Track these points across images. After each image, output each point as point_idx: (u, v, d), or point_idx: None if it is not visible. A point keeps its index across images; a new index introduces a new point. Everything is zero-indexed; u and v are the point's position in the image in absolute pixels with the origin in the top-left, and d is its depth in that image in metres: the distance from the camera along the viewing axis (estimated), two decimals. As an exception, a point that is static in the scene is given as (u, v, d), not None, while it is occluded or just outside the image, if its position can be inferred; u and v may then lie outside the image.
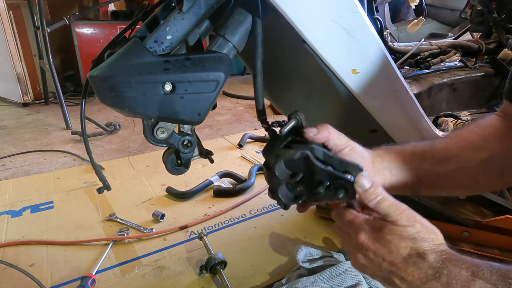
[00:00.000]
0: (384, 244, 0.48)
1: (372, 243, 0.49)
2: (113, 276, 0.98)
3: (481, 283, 0.41)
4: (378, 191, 0.50)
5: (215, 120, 2.53)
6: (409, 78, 1.06)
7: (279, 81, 0.94)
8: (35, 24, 2.57)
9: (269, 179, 0.58)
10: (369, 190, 0.50)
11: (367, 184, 0.50)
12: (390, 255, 0.47)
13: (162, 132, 0.59)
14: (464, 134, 0.65)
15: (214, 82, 0.54)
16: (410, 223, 0.48)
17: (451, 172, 0.62)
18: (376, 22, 0.95)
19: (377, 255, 0.48)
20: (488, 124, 0.65)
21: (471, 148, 0.63)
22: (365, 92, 0.75)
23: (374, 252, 0.48)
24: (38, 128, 2.36)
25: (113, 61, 0.52)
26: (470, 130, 0.65)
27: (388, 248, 0.47)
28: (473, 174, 0.63)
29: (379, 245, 0.48)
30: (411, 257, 0.46)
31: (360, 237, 0.50)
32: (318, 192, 0.53)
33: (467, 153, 0.62)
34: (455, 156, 0.62)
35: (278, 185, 0.57)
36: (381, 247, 0.48)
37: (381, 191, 0.50)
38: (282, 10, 0.58)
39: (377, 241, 0.48)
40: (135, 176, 1.60)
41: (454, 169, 0.62)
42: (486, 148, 0.61)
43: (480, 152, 0.62)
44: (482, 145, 0.62)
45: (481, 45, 1.25)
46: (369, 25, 0.66)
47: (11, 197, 1.42)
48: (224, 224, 1.23)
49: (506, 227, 1.01)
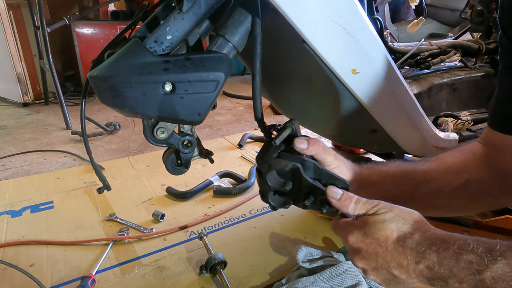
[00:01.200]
0: (372, 236, 0.49)
1: (362, 242, 0.50)
2: (113, 276, 0.98)
3: (468, 256, 0.42)
4: (350, 196, 0.53)
5: (215, 120, 2.53)
6: (409, 78, 1.06)
7: (279, 81, 0.94)
8: (35, 24, 2.57)
9: (261, 184, 0.61)
10: (342, 198, 0.53)
11: (339, 194, 0.54)
12: (380, 247, 0.48)
13: (162, 132, 0.59)
14: (446, 159, 0.67)
15: (214, 82, 0.54)
16: (388, 209, 0.50)
17: (427, 195, 0.65)
18: (376, 22, 0.95)
19: (370, 253, 0.49)
20: (469, 150, 0.67)
21: (450, 172, 0.65)
22: (365, 92, 0.75)
23: (367, 251, 0.49)
24: (38, 128, 2.36)
25: (113, 61, 0.52)
26: (451, 155, 0.67)
27: (377, 240, 0.49)
28: (448, 198, 0.65)
29: (368, 240, 0.49)
30: (399, 240, 0.47)
31: (350, 239, 0.51)
32: (304, 204, 0.56)
33: (446, 177, 0.64)
34: (433, 179, 0.64)
35: (269, 191, 0.59)
36: (371, 242, 0.49)
37: (352, 195, 0.53)
38: (282, 10, 0.57)
39: (365, 237, 0.50)
40: (135, 176, 1.60)
41: (431, 192, 0.64)
42: (463, 174, 0.64)
43: (457, 177, 0.64)
44: (460, 170, 0.64)
45: (481, 45, 1.25)
46: (369, 25, 0.66)
47: (11, 197, 1.42)
48: (224, 224, 1.23)
49: (506, 227, 1.00)
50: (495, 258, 0.40)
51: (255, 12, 0.58)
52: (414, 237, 0.47)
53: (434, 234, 0.46)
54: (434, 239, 0.45)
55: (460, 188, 0.63)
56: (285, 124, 0.60)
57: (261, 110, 0.62)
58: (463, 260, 0.42)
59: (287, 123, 0.60)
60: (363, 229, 0.50)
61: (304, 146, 0.58)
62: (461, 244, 0.43)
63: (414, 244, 0.46)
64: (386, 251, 0.48)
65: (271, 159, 0.58)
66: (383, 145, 1.05)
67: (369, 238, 0.49)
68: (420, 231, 0.47)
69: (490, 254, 0.41)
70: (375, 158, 1.28)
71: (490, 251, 0.41)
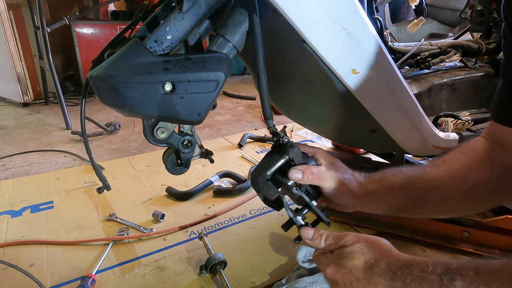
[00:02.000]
0: (344, 267, 0.52)
1: (337, 273, 0.53)
2: (113, 276, 0.98)
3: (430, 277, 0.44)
4: (321, 233, 0.59)
5: (215, 120, 2.53)
6: (409, 78, 1.06)
7: (279, 81, 0.94)
8: (35, 24, 2.57)
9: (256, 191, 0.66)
10: (313, 237, 0.59)
11: (310, 234, 0.59)
12: (353, 276, 0.51)
13: (162, 132, 0.59)
14: (452, 162, 0.67)
15: (214, 82, 0.54)
16: (355, 241, 0.54)
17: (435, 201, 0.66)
18: (376, 22, 0.95)
19: (345, 283, 0.52)
20: (472, 149, 0.67)
21: (457, 177, 0.65)
22: (365, 92, 0.75)
23: (342, 282, 0.53)
24: (38, 128, 2.36)
25: (113, 61, 0.52)
26: (456, 158, 0.68)
27: (349, 270, 0.52)
28: (456, 202, 0.66)
29: (341, 271, 0.53)
30: (367, 269, 0.50)
31: (327, 272, 0.54)
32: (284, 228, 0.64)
33: (453, 182, 0.65)
34: (441, 186, 0.65)
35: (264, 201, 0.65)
36: (344, 273, 0.52)
37: (323, 232, 0.59)
38: (282, 10, 0.58)
39: (339, 268, 0.53)
40: (135, 176, 1.60)
41: (439, 199, 0.65)
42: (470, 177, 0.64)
43: (464, 182, 0.64)
44: (466, 174, 0.65)
45: (481, 45, 1.25)
46: (369, 25, 0.66)
47: (11, 197, 1.42)
48: (224, 224, 1.23)
49: (506, 227, 1.00)
50: (453, 277, 0.42)
51: (254, 11, 0.58)
52: (380, 265, 0.49)
53: (398, 260, 0.49)
54: (399, 265, 0.48)
55: (468, 192, 0.64)
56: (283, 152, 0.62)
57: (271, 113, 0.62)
58: (426, 281, 0.44)
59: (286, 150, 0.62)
60: (335, 261, 0.54)
61: (299, 176, 0.61)
62: (423, 267, 0.46)
63: (381, 271, 0.49)
64: (358, 280, 0.51)
65: (262, 182, 0.62)
66: (383, 145, 1.05)
67: (341, 269, 0.52)
68: (385, 258, 0.50)
69: (448, 274, 0.43)
70: (375, 158, 1.28)
71: (447, 271, 0.43)
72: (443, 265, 0.44)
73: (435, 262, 0.45)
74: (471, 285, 0.41)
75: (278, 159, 0.62)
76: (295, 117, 1.15)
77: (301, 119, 1.15)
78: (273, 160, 0.62)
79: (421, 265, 0.46)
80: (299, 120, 1.17)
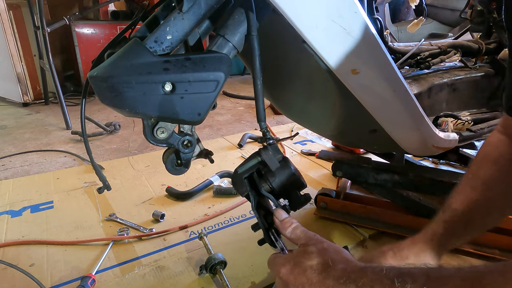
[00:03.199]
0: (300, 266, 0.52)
1: (291, 273, 0.52)
2: (113, 276, 0.98)
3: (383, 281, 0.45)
4: (293, 221, 0.59)
5: (215, 120, 2.53)
6: (409, 78, 1.06)
7: (279, 81, 0.94)
8: (35, 24, 2.57)
9: None
10: (284, 220, 0.59)
11: (283, 216, 0.60)
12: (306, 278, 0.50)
13: (162, 132, 0.59)
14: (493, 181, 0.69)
15: (214, 82, 0.55)
16: (318, 242, 0.54)
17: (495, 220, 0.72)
18: (376, 22, 0.94)
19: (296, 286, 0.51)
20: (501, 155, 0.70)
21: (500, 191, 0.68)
22: (365, 92, 0.75)
23: (294, 283, 0.51)
24: (38, 128, 2.36)
25: (113, 61, 0.52)
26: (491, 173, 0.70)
27: (304, 270, 0.51)
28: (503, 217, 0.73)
29: (296, 271, 0.52)
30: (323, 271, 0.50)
31: (281, 271, 0.53)
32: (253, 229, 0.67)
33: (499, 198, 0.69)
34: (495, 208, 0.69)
35: None
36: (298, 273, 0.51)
37: (295, 222, 0.59)
38: (282, 10, 0.58)
39: (295, 267, 0.52)
40: (135, 176, 1.60)
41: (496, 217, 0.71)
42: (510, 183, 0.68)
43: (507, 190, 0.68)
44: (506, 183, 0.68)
45: (481, 45, 1.25)
46: (369, 25, 0.66)
47: (11, 197, 1.42)
48: (224, 224, 1.23)
49: (506, 227, 1.01)
50: (404, 280, 0.43)
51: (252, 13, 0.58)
52: (336, 269, 0.49)
53: (354, 265, 0.50)
54: (355, 269, 0.48)
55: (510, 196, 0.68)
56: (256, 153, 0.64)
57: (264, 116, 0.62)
58: (378, 284, 0.44)
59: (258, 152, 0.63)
60: (293, 259, 0.53)
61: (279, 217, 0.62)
62: (377, 271, 0.46)
63: (336, 274, 0.48)
64: (311, 283, 0.50)
65: (237, 180, 0.64)
66: (383, 145, 1.05)
67: (297, 268, 0.52)
68: (342, 263, 0.50)
69: (400, 277, 0.43)
70: (375, 158, 1.28)
71: (400, 275, 0.44)
72: (397, 270, 0.45)
73: (390, 267, 0.46)
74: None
75: (251, 160, 0.64)
76: (295, 117, 1.15)
77: (301, 119, 1.15)
78: (247, 161, 0.64)
79: (375, 269, 0.46)
80: (299, 120, 1.17)
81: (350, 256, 0.53)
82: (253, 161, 0.63)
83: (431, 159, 1.69)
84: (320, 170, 1.64)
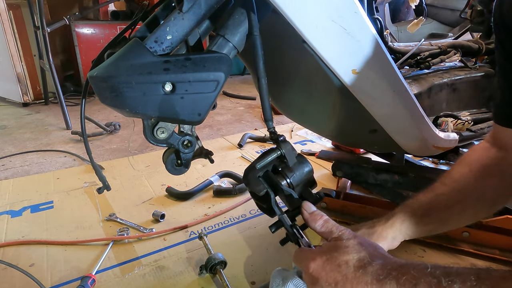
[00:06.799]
0: (334, 262, 0.48)
1: (322, 269, 0.49)
2: (113, 276, 0.98)
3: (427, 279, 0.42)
4: (322, 214, 0.56)
5: (215, 120, 2.53)
6: (409, 78, 1.06)
7: (279, 81, 0.94)
8: (35, 24, 2.57)
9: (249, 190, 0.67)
10: (314, 212, 0.57)
11: (312, 209, 0.58)
12: (340, 274, 0.47)
13: (162, 132, 0.59)
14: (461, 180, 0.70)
15: (214, 82, 0.54)
16: (352, 237, 0.51)
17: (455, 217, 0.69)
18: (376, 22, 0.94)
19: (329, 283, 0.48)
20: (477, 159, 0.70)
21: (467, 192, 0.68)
22: (365, 92, 0.75)
23: (326, 280, 0.48)
24: (38, 128, 2.36)
25: (113, 61, 0.52)
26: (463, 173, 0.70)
27: (338, 266, 0.48)
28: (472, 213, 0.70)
29: (329, 267, 0.48)
30: (360, 267, 0.47)
31: (311, 267, 0.50)
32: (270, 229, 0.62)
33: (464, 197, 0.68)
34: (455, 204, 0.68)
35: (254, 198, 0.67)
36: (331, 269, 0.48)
37: (324, 215, 0.57)
38: (282, 10, 0.57)
39: (327, 263, 0.49)
40: (135, 176, 1.60)
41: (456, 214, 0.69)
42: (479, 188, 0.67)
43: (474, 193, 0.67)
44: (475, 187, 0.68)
45: (481, 45, 1.25)
46: (369, 25, 0.66)
47: (11, 197, 1.42)
48: (224, 224, 1.23)
49: (506, 227, 1.00)
50: (452, 280, 0.40)
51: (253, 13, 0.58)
52: (375, 265, 0.46)
53: (394, 261, 0.47)
54: (395, 266, 0.45)
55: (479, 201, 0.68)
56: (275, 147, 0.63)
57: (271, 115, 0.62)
58: (422, 283, 0.42)
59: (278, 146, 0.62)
60: (325, 254, 0.50)
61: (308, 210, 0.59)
62: (420, 269, 0.43)
63: (375, 271, 0.45)
64: (346, 279, 0.46)
65: (252, 177, 0.62)
66: (383, 145, 1.05)
67: (330, 264, 0.48)
68: (381, 259, 0.47)
69: (448, 277, 0.41)
70: (375, 158, 1.28)
71: (447, 274, 0.41)
72: (442, 268, 0.43)
73: (434, 265, 0.43)
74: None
75: (270, 154, 0.62)
76: (295, 117, 1.15)
77: (301, 119, 1.15)
78: (265, 156, 0.62)
79: (418, 266, 0.44)
80: (299, 120, 1.17)
81: (385, 251, 0.50)
82: (272, 155, 0.61)
83: (431, 159, 1.69)
84: (320, 170, 1.64)
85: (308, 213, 0.57)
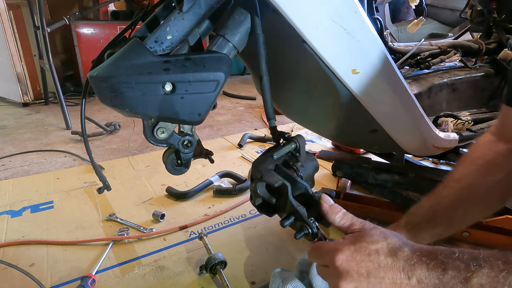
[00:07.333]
0: (364, 252, 0.48)
1: (352, 260, 0.48)
2: (113, 276, 0.98)
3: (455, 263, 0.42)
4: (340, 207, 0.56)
5: (215, 120, 2.53)
6: (409, 78, 1.06)
7: (279, 81, 0.94)
8: (35, 24, 2.56)
9: (251, 188, 0.64)
10: (333, 205, 0.56)
11: (330, 201, 0.57)
12: (372, 263, 0.47)
13: (162, 132, 0.59)
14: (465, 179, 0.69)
15: (214, 82, 0.54)
16: (373, 227, 0.51)
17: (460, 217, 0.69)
18: (376, 22, 0.95)
19: (361, 273, 0.47)
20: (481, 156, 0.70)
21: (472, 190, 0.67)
22: (365, 92, 0.75)
23: (357, 271, 0.47)
24: (38, 128, 2.36)
25: (113, 61, 0.52)
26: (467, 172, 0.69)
27: (368, 255, 0.47)
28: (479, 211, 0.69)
29: (359, 257, 0.47)
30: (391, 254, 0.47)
31: (338, 260, 0.48)
32: (283, 223, 0.58)
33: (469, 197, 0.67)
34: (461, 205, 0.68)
35: (256, 196, 0.63)
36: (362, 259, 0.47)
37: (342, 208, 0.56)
38: (282, 10, 0.58)
39: (356, 254, 0.48)
40: (135, 176, 1.60)
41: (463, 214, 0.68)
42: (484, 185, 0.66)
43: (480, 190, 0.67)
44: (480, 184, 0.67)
45: (481, 45, 1.25)
46: (369, 25, 0.66)
47: (11, 197, 1.42)
48: (224, 224, 1.23)
49: (506, 227, 1.00)
50: (480, 265, 0.41)
51: (255, 12, 0.58)
52: (405, 250, 0.46)
53: (421, 247, 0.47)
54: (423, 252, 0.46)
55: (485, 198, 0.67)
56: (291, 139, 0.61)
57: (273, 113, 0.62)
58: (451, 268, 0.42)
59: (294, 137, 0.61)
60: (353, 245, 0.49)
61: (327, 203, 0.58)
62: (448, 254, 0.44)
63: (405, 257, 0.45)
64: (379, 267, 0.46)
65: (265, 170, 0.60)
66: (383, 145, 1.05)
67: (360, 254, 0.48)
68: (408, 245, 0.47)
69: (476, 261, 0.41)
70: (375, 158, 1.28)
71: (475, 259, 0.42)
72: (469, 253, 0.43)
73: (461, 250, 0.44)
74: (499, 274, 0.39)
75: (285, 145, 0.60)
76: (295, 117, 1.15)
77: (301, 119, 1.15)
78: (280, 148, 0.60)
79: (446, 251, 0.44)
80: (299, 120, 1.17)
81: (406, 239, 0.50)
82: (287, 147, 0.60)
83: (431, 159, 1.69)
84: (320, 170, 1.63)
85: (327, 205, 0.56)
